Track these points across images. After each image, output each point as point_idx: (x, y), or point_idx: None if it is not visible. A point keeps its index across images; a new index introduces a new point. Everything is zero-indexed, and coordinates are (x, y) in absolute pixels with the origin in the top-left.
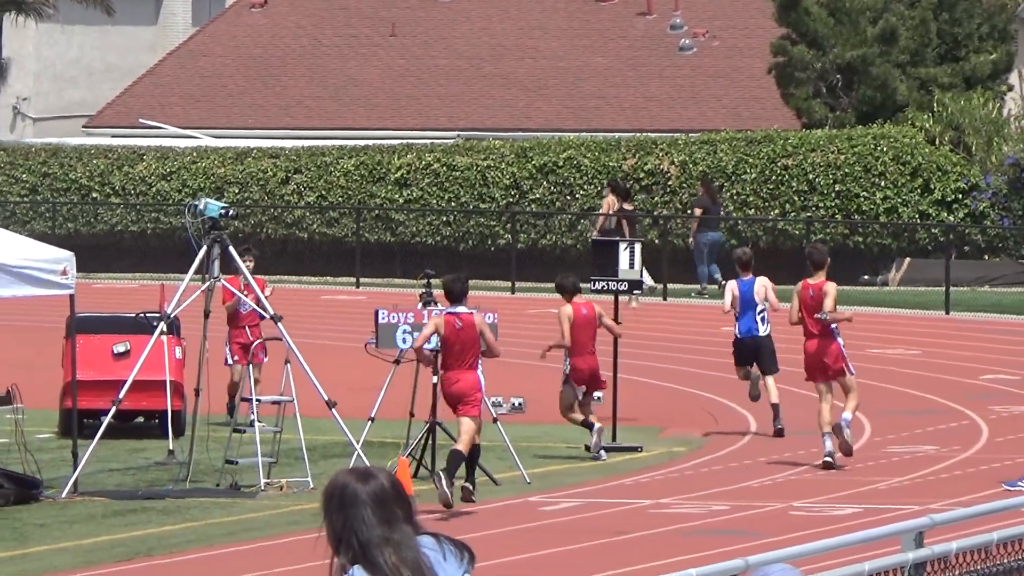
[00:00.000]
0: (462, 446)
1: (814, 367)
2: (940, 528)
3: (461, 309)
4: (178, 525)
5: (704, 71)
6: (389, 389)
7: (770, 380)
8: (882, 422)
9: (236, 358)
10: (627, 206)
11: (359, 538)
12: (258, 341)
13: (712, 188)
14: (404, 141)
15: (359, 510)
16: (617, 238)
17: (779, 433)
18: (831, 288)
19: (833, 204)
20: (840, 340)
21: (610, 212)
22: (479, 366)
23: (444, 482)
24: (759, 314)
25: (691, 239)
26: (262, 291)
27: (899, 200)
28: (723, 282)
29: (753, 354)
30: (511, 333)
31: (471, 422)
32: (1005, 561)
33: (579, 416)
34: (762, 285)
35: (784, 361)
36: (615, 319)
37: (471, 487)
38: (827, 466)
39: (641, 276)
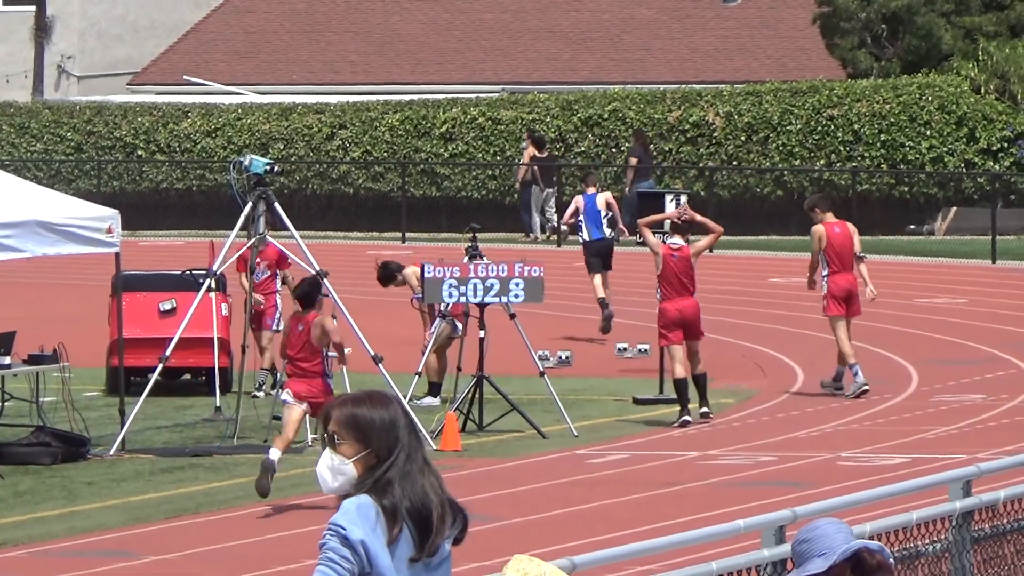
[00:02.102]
0: (703, 368)
1: (847, 300)
2: (988, 477)
3: (677, 243)
4: (226, 482)
5: (749, 22)
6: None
7: (606, 276)
8: (929, 371)
9: (254, 325)
10: (540, 155)
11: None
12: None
13: (645, 139)
14: (449, 95)
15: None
16: (541, 188)
17: (607, 322)
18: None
19: (879, 154)
20: None
21: (529, 162)
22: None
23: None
24: (603, 219)
25: (627, 190)
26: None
27: (945, 149)
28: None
29: (601, 254)
30: (557, 286)
31: (697, 344)
32: None
33: (438, 373)
34: (604, 198)
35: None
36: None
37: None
38: (863, 394)
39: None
